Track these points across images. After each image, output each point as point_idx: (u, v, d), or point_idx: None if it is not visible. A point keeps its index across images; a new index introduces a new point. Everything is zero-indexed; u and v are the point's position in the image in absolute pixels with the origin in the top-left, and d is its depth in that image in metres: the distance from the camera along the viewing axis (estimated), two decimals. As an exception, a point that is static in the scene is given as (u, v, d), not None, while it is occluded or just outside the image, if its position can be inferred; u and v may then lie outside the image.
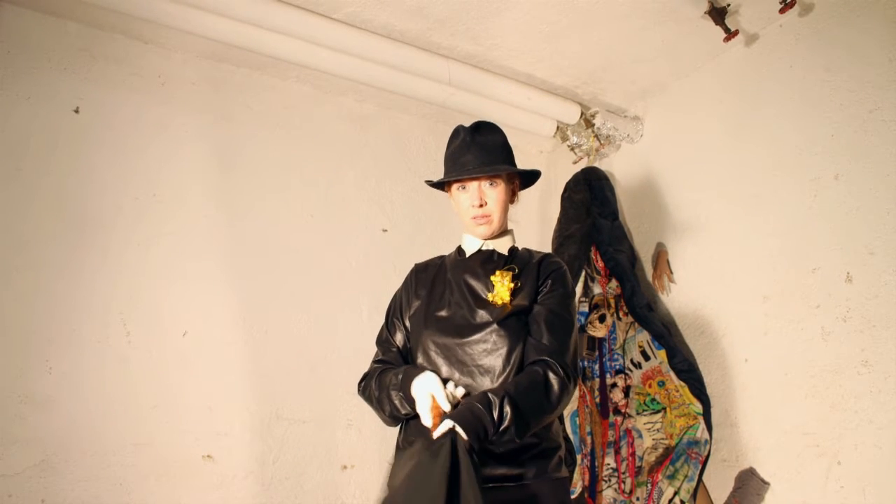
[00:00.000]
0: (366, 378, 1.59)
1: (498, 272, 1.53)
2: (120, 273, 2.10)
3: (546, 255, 1.63)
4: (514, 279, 1.53)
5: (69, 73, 2.16)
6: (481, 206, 1.56)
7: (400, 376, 1.45)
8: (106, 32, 2.25)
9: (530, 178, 1.67)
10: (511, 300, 1.50)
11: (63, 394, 1.94)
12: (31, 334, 1.94)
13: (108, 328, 2.05)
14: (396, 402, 1.45)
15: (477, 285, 1.55)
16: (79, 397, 1.96)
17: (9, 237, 1.96)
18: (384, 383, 1.50)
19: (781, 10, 2.23)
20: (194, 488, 2.07)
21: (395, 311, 1.64)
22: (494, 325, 1.47)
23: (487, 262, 1.59)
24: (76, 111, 2.15)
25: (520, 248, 1.65)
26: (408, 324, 1.60)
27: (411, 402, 1.41)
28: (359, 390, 1.60)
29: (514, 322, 1.48)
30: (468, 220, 1.59)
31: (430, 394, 1.36)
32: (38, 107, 2.09)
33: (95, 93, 2.19)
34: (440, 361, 1.48)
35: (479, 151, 1.56)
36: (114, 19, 2.18)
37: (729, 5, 2.29)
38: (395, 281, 1.73)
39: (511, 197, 1.64)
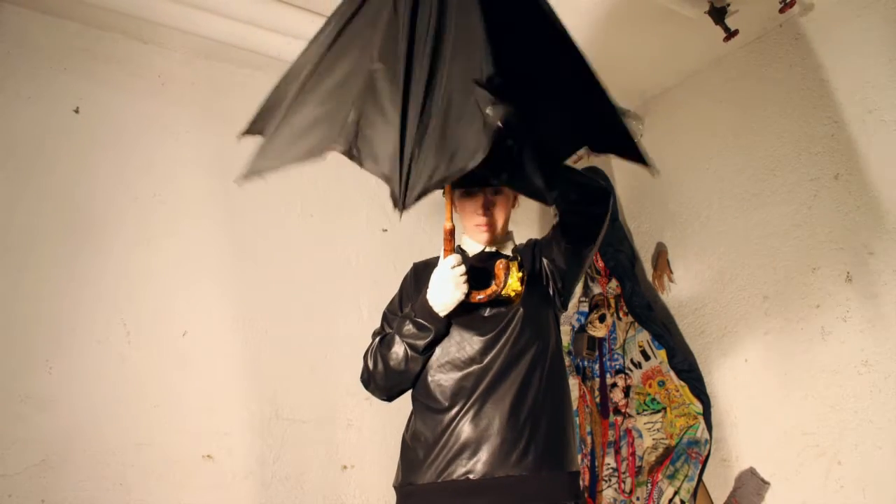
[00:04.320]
0: (364, 366, 1.57)
1: (505, 262, 1.49)
2: (120, 273, 2.10)
3: (535, 239, 1.64)
4: (520, 268, 1.49)
5: (69, 73, 2.16)
6: (485, 213, 1.54)
7: (404, 318, 1.47)
8: (106, 32, 2.25)
9: None
10: (523, 289, 1.46)
11: (63, 394, 1.93)
12: (31, 334, 1.93)
13: (108, 328, 2.05)
14: (411, 329, 1.44)
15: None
16: (79, 397, 1.95)
17: (8, 237, 1.96)
18: (387, 340, 1.50)
19: (781, 10, 2.23)
20: (194, 488, 2.06)
21: (393, 311, 1.63)
22: (518, 315, 1.45)
23: (490, 261, 1.56)
24: (76, 111, 2.15)
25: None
26: None
27: (432, 316, 1.41)
28: (363, 380, 1.58)
29: (535, 309, 1.47)
30: (471, 226, 1.58)
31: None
32: (38, 107, 2.08)
33: (95, 93, 2.19)
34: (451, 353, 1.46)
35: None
36: (114, 19, 2.17)
37: (729, 5, 2.29)
38: (395, 281, 1.72)
39: (513, 202, 1.62)
